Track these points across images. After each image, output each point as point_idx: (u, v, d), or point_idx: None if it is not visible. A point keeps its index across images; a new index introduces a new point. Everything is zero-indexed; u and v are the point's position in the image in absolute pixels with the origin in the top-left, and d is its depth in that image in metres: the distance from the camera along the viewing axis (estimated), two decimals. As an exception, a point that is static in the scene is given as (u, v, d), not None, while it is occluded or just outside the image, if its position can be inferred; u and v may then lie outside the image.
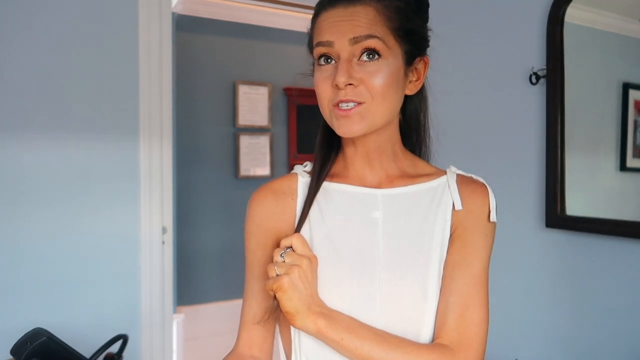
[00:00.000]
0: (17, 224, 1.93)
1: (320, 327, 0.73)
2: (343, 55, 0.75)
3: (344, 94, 0.75)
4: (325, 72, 0.77)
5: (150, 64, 2.14)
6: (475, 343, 0.75)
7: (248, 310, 0.84)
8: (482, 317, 0.76)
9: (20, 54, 1.92)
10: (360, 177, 0.84)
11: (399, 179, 0.84)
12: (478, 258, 0.79)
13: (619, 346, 1.38)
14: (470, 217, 0.80)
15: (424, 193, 0.82)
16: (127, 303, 2.10)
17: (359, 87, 0.75)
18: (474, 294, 0.77)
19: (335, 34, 0.76)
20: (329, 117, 0.78)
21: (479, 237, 0.80)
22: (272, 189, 0.86)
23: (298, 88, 3.79)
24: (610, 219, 1.38)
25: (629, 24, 1.38)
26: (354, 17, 0.76)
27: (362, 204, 0.81)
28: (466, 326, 0.75)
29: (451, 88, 1.82)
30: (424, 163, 0.88)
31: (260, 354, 0.84)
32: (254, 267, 0.85)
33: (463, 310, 0.76)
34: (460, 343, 0.74)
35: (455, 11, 1.82)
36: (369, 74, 0.75)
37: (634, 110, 1.38)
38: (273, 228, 0.84)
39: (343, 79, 0.74)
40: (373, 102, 0.75)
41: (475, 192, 0.82)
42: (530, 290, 1.60)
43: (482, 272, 0.79)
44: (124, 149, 2.09)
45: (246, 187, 3.80)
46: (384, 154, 0.83)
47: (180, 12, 3.50)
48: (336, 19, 0.77)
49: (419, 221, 0.81)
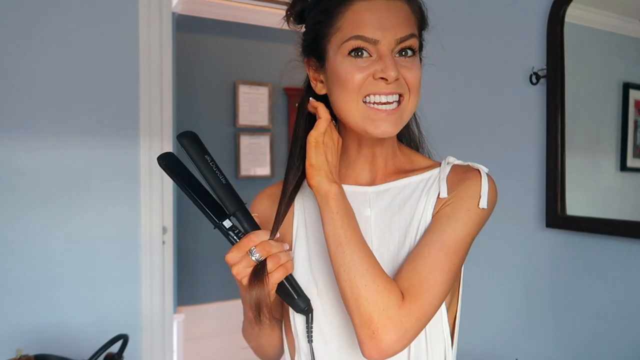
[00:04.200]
0: (17, 224, 1.93)
1: (332, 192, 0.74)
2: (387, 52, 0.73)
3: (391, 87, 0.73)
4: (360, 63, 0.74)
5: (150, 64, 2.14)
6: (424, 300, 0.70)
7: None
8: (438, 280, 0.71)
9: (20, 54, 1.93)
10: (356, 177, 0.84)
11: (394, 174, 0.83)
12: (452, 227, 0.74)
13: (619, 346, 1.38)
14: (456, 196, 0.77)
15: (416, 186, 0.82)
16: (127, 303, 2.10)
17: (400, 81, 0.74)
18: (435, 255, 0.72)
19: (380, 31, 0.73)
20: (355, 112, 0.75)
21: (460, 211, 0.76)
22: (268, 194, 0.88)
23: (298, 88, 3.78)
24: (610, 219, 1.38)
25: (629, 24, 1.38)
26: (396, 14, 0.74)
27: (355, 203, 0.80)
28: (419, 281, 0.70)
29: (451, 88, 1.82)
30: (421, 157, 0.87)
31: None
32: None
33: (420, 266, 0.72)
34: (408, 293, 0.70)
35: (456, 11, 1.82)
36: (407, 69, 0.75)
37: (634, 110, 1.38)
38: None
39: (395, 73, 0.72)
40: (410, 96, 0.75)
41: (465, 176, 0.79)
42: (530, 290, 1.60)
43: (454, 242, 0.74)
44: (124, 149, 2.09)
45: (246, 187, 3.80)
46: (385, 153, 0.83)
47: (180, 12, 3.50)
48: (378, 14, 0.73)
49: (409, 214, 0.80)
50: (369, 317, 0.68)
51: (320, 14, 0.77)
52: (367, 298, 0.68)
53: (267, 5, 3.61)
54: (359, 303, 0.69)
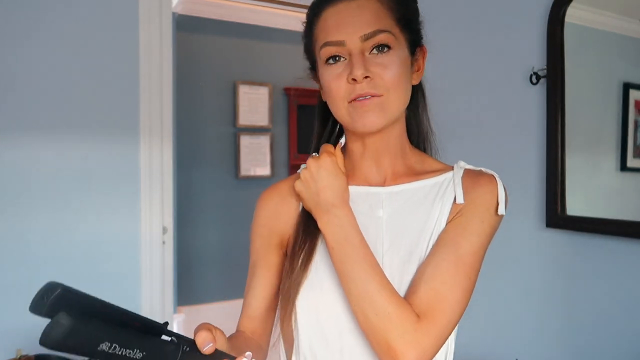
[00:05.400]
0: (17, 224, 1.93)
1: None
2: (355, 52, 0.74)
3: (361, 87, 0.74)
4: (336, 69, 0.76)
5: (150, 64, 2.14)
6: (442, 320, 0.70)
7: (247, 308, 0.84)
8: (455, 297, 0.71)
9: (20, 54, 1.93)
10: (365, 177, 0.84)
11: (405, 175, 0.83)
12: (467, 240, 0.74)
13: (618, 346, 1.38)
14: (470, 204, 0.77)
15: (429, 189, 0.81)
16: (128, 303, 2.09)
17: (375, 79, 0.74)
18: (453, 273, 0.72)
19: (344, 32, 0.74)
20: (345, 115, 0.77)
21: (475, 222, 0.76)
22: (278, 189, 0.87)
23: (298, 88, 3.79)
24: (610, 219, 1.38)
25: (629, 24, 1.38)
26: (360, 12, 0.74)
27: (367, 204, 0.81)
28: (437, 300, 0.70)
29: (451, 88, 1.82)
30: (432, 160, 0.87)
31: (260, 341, 0.84)
32: (255, 266, 0.85)
33: (438, 284, 0.71)
34: (426, 315, 0.69)
35: (456, 11, 1.82)
36: (383, 67, 0.74)
37: (634, 110, 1.38)
38: (277, 228, 0.85)
39: (360, 71, 0.73)
40: (390, 94, 0.75)
41: (479, 183, 0.79)
42: (530, 290, 1.60)
43: (469, 255, 0.73)
44: (124, 149, 2.09)
45: (246, 187, 3.80)
46: (392, 152, 0.83)
47: (180, 12, 3.50)
48: (342, 16, 0.75)
49: (423, 217, 0.79)
50: (387, 344, 0.68)
51: (306, 26, 0.81)
52: (381, 327, 0.69)
53: (267, 5, 3.61)
54: (374, 332, 0.69)
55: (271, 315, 0.85)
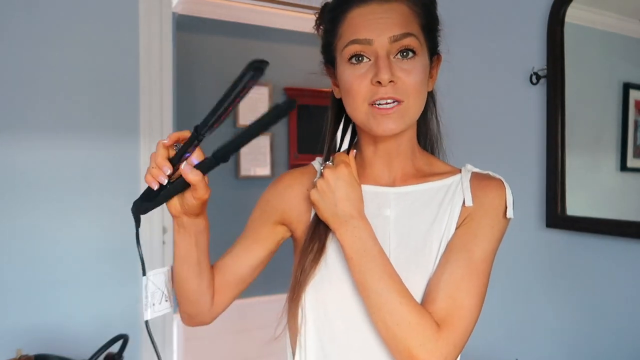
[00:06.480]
0: (17, 224, 1.93)
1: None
2: (382, 53, 0.74)
3: (385, 91, 0.74)
4: (359, 69, 0.76)
5: (150, 64, 2.14)
6: (461, 327, 0.72)
7: (219, 261, 0.90)
8: (472, 304, 0.74)
9: (20, 54, 1.92)
10: (375, 177, 0.85)
11: (413, 177, 0.84)
12: (479, 247, 0.77)
13: (619, 346, 1.38)
14: (479, 209, 0.79)
15: (437, 191, 0.82)
16: (128, 303, 2.10)
17: (398, 84, 0.74)
18: (467, 279, 0.74)
19: (374, 31, 0.74)
20: (363, 116, 0.77)
21: (485, 228, 0.78)
22: (294, 176, 0.90)
23: (298, 88, 3.79)
24: (611, 219, 1.38)
25: (629, 24, 1.38)
26: (390, 14, 0.75)
27: (375, 203, 0.82)
28: (455, 308, 0.72)
29: (451, 88, 1.81)
30: (440, 162, 0.88)
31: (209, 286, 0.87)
32: (247, 233, 0.90)
33: (455, 292, 0.73)
34: (445, 322, 0.72)
35: (455, 11, 1.82)
36: (407, 73, 0.75)
37: (635, 110, 1.38)
38: (280, 206, 0.88)
39: (387, 75, 0.73)
40: (409, 100, 0.75)
41: (488, 187, 0.80)
42: (530, 290, 1.60)
43: (481, 262, 0.76)
44: (124, 149, 2.09)
45: (246, 187, 3.80)
46: (403, 155, 0.84)
47: (180, 12, 3.50)
48: (373, 16, 0.75)
49: (430, 219, 0.80)
50: (409, 353, 0.70)
51: (329, 23, 0.81)
52: (402, 336, 0.70)
53: (267, 6, 3.61)
54: (396, 341, 0.71)
55: (237, 283, 0.88)
